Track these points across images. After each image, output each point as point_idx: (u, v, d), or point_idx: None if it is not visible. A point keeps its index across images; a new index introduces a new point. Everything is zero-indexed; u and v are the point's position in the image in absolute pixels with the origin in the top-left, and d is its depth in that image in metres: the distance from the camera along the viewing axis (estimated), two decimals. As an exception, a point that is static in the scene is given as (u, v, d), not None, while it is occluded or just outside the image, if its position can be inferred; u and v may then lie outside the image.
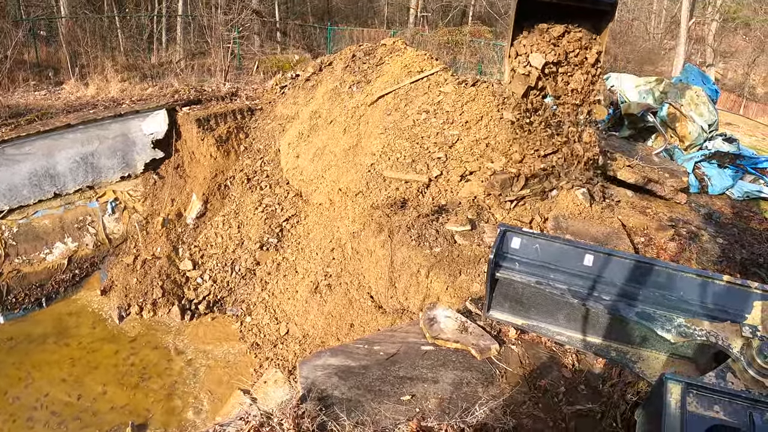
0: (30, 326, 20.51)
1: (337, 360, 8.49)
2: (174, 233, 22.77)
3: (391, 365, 8.31)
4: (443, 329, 9.05)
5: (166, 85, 28.53)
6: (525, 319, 8.80)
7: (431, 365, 8.29)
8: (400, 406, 7.41)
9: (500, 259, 8.46)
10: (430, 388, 7.77)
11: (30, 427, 16.06)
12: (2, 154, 21.88)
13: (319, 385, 7.85)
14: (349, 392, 7.70)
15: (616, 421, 7.72)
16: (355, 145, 18.98)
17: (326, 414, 7.17)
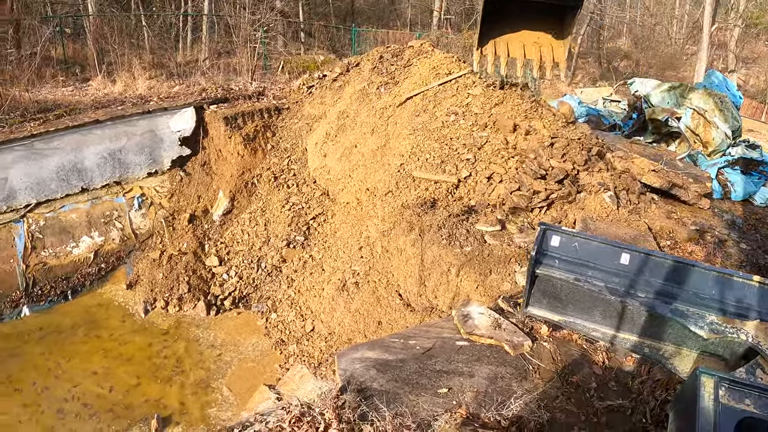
0: (58, 317, 20.74)
1: (375, 353, 8.71)
2: (200, 229, 22.98)
3: (427, 359, 8.52)
4: (477, 325, 9.25)
5: (193, 84, 28.74)
6: (562, 315, 9.02)
7: (466, 360, 8.48)
8: (437, 399, 7.60)
9: (540, 256, 8.67)
10: (466, 382, 7.96)
11: (60, 418, 16.17)
12: (31, 148, 22.14)
13: (357, 377, 8.06)
14: (387, 384, 7.90)
15: (645, 417, 7.89)
16: (383, 146, 19.14)
17: (366, 405, 7.39)
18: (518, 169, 15.70)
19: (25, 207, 22.32)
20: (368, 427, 7.00)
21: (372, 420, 7.10)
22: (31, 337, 19.76)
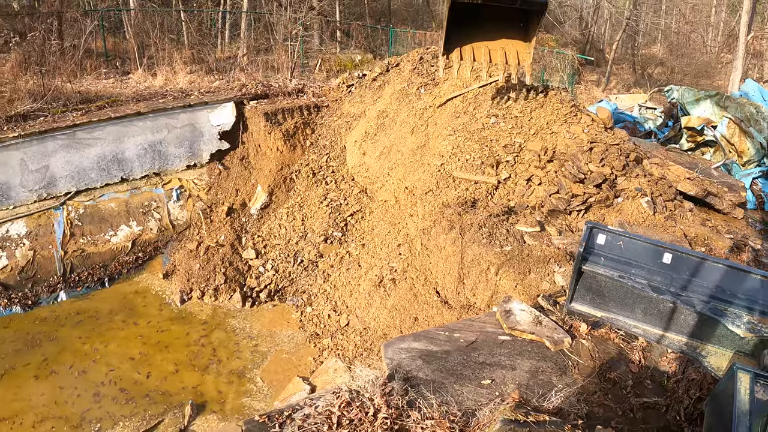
0: (95, 303, 21.13)
1: (420, 344, 8.97)
2: (238, 222, 23.28)
3: (471, 351, 8.77)
4: (519, 321, 9.49)
5: (233, 79, 29.06)
6: (604, 311, 9.27)
7: (508, 353, 8.72)
8: (481, 389, 7.85)
9: (587, 253, 8.93)
10: (508, 374, 8.21)
11: (97, 401, 16.43)
12: (73, 138, 22.53)
13: (404, 367, 8.33)
14: (433, 374, 8.17)
15: (679, 415, 8.10)
16: (423, 146, 19.33)
17: (413, 392, 7.66)
18: (557, 173, 15.89)
19: (65, 195, 22.71)
20: (416, 413, 7.26)
21: (419, 407, 7.37)
22: (68, 321, 20.11)
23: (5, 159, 21.67)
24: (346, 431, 7.17)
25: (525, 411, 6.73)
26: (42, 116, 23.29)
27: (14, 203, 22.06)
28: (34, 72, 26.34)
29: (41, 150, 22.15)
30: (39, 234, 21.94)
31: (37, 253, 21.62)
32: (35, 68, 26.49)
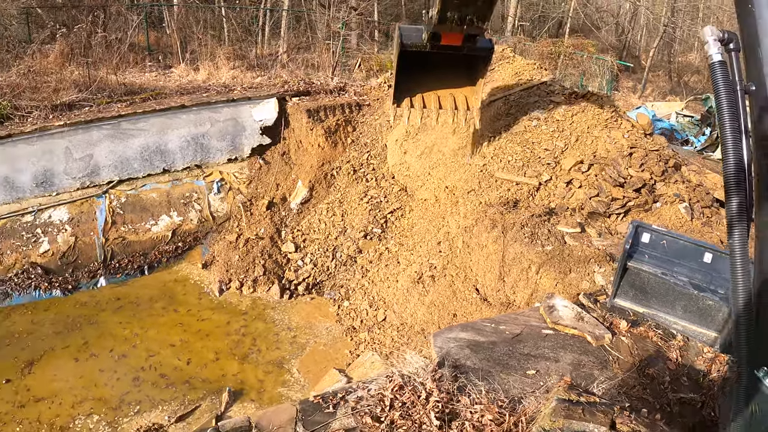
0: (135, 290, 21.55)
1: (468, 335, 9.29)
2: (278, 216, 23.58)
3: (516, 343, 9.08)
4: (562, 316, 9.78)
5: (275, 76, 29.42)
6: (646, 308, 9.57)
7: (552, 346, 9.02)
8: (526, 379, 8.16)
9: (632, 251, 9.23)
10: (552, 366, 8.50)
11: (137, 386, 16.73)
12: (117, 128, 22.95)
13: (453, 355, 8.66)
14: (480, 363, 8.49)
15: (714, 411, 8.35)
16: (464, 146, 19.53)
17: (463, 379, 7.98)
18: (597, 176, 16.13)
19: (107, 183, 23.13)
20: (465, 398, 7.57)
21: (469, 392, 7.68)
22: (108, 306, 20.47)
23: (50, 147, 22.09)
24: (398, 413, 7.48)
25: (577, 392, 7.04)
26: (87, 106, 23.72)
27: (57, 190, 22.48)
28: (80, 63, 26.75)
29: (86, 139, 22.55)
30: (81, 221, 22.33)
31: (78, 239, 22.02)
32: (81, 59, 26.91)
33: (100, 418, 15.60)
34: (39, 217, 22.02)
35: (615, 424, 6.41)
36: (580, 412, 6.54)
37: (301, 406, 7.96)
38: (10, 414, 15.77)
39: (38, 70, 26.18)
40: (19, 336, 18.79)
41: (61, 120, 22.22)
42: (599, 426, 6.33)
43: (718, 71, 4.13)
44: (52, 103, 23.15)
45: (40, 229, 21.83)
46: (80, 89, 24.60)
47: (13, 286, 20.74)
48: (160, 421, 15.33)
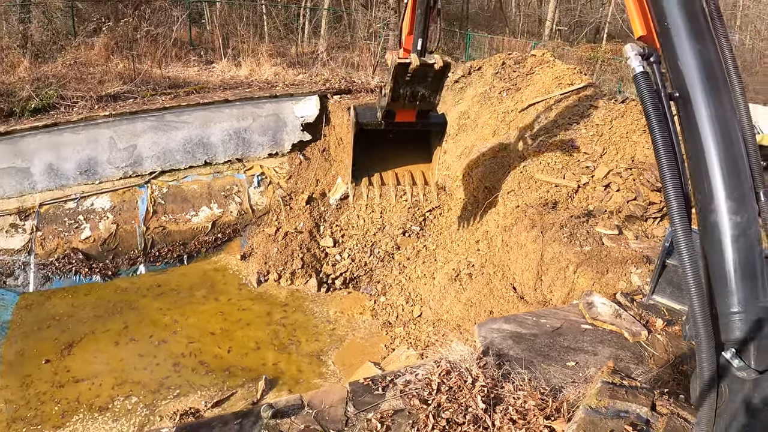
0: (175, 278, 22.06)
1: (510, 326, 9.64)
2: (317, 211, 23.91)
3: (556, 336, 9.41)
4: (600, 313, 10.08)
5: (316, 74, 29.77)
6: (682, 305, 9.86)
7: (590, 341, 9.33)
8: (566, 370, 8.47)
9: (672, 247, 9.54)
10: (591, 359, 8.81)
11: (177, 371, 17.13)
12: (161, 120, 23.42)
13: (496, 345, 9.00)
14: (522, 353, 8.82)
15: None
16: (504, 148, 19.80)
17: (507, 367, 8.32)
18: (636, 180, 16.34)
19: (150, 174, 23.64)
20: (509, 385, 7.92)
21: (512, 380, 8.02)
22: (149, 292, 20.94)
23: (95, 136, 22.55)
24: (444, 397, 7.83)
25: (620, 376, 7.36)
26: (131, 98, 24.19)
27: (100, 178, 22.99)
28: (125, 56, 27.22)
29: (130, 129, 23.05)
30: (123, 209, 22.84)
31: (119, 227, 22.53)
32: (126, 52, 27.37)
33: (139, 400, 15.98)
34: (81, 204, 22.51)
35: (655, 406, 6.75)
36: (624, 393, 6.89)
37: (352, 388, 8.30)
38: (49, 393, 16.19)
39: (84, 61, 26.67)
40: (60, 318, 19.28)
41: (107, 110, 22.68)
42: (641, 407, 6.68)
43: (642, 81, 4.61)
44: (97, 93, 23.62)
45: (83, 215, 22.31)
46: (125, 81, 25.11)
47: (54, 270, 21.25)
48: (196, 406, 15.67)
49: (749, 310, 4.29)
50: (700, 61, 4.59)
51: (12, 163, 21.68)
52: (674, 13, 4.71)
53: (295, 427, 7.58)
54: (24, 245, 21.46)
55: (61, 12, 31.59)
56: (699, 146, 4.48)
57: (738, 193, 4.35)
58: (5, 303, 20.04)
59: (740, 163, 4.43)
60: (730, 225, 4.35)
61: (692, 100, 4.53)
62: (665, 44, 4.80)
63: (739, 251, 4.35)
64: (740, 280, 4.33)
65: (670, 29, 4.73)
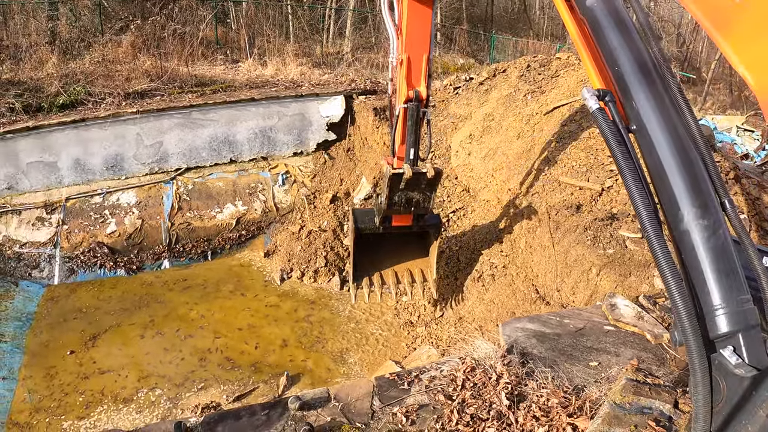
0: (203, 272, 22.37)
1: (534, 326, 9.75)
2: (341, 210, 24.09)
3: (579, 336, 9.51)
4: (623, 314, 10.18)
5: (341, 74, 29.97)
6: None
7: (613, 342, 9.42)
8: (588, 370, 8.57)
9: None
10: (613, 360, 8.89)
11: (203, 366, 17.30)
12: (188, 117, 23.72)
13: (520, 343, 9.12)
14: (546, 352, 8.93)
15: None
16: (528, 150, 19.81)
17: (531, 365, 8.44)
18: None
19: (175, 170, 23.99)
20: (533, 383, 8.04)
21: (536, 378, 8.14)
22: (176, 286, 21.20)
23: (122, 132, 22.88)
24: (469, 393, 7.96)
25: (644, 374, 7.48)
26: (158, 95, 24.50)
27: (126, 174, 23.35)
28: (152, 54, 27.50)
29: (157, 126, 23.36)
30: (148, 205, 23.17)
31: (145, 222, 22.87)
32: (153, 51, 27.65)
33: (163, 393, 16.19)
34: (108, 199, 22.86)
35: (678, 403, 6.88)
36: (647, 390, 7.03)
37: (378, 382, 8.45)
38: (73, 384, 16.45)
39: (111, 59, 27.02)
40: (86, 311, 19.56)
41: (134, 107, 22.97)
42: (664, 403, 6.81)
43: (599, 117, 5.19)
44: (124, 90, 23.99)
45: (108, 210, 22.65)
46: (152, 79, 25.44)
47: (79, 264, 21.61)
48: (218, 400, 15.82)
49: (730, 303, 4.58)
50: (652, 101, 5.18)
51: (40, 157, 22.02)
52: (627, 65, 5.38)
53: (322, 419, 7.73)
54: (50, 238, 21.79)
55: (88, 10, 31.96)
56: (659, 166, 4.98)
57: (701, 200, 4.78)
58: (31, 295, 20.36)
59: (698, 175, 4.90)
60: (699, 228, 4.73)
61: (649, 131, 5.10)
62: (621, 89, 5.43)
63: (712, 250, 4.69)
64: (717, 277, 4.64)
65: (625, 78, 5.36)
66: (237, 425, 7.69)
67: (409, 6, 13.43)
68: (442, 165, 23.53)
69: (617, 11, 5.72)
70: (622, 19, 5.68)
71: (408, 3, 13.43)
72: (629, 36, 5.56)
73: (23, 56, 26.14)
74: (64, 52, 27.41)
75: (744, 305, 4.61)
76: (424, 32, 13.86)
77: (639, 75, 5.33)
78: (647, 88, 5.26)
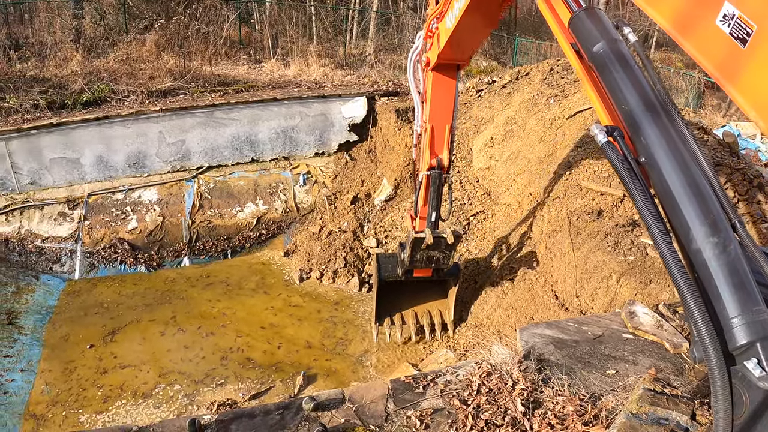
0: (226, 269, 22.50)
1: (552, 332, 9.70)
2: (361, 211, 24.13)
3: (597, 344, 9.45)
4: (642, 323, 10.09)
5: (363, 75, 29.99)
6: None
7: (631, 350, 9.34)
8: (605, 378, 8.50)
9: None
10: (631, 368, 8.82)
11: (224, 365, 17.32)
12: (211, 117, 23.80)
13: (537, 349, 9.06)
14: (563, 359, 8.87)
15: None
16: (550, 154, 19.74)
17: (547, 372, 8.39)
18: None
19: (197, 169, 24.08)
20: (549, 390, 7.99)
21: (552, 385, 8.09)
22: (198, 282, 21.32)
23: (145, 130, 23.00)
24: (484, 398, 7.92)
25: (661, 384, 7.41)
26: (181, 94, 24.62)
27: (148, 171, 23.49)
28: (175, 53, 27.63)
29: (179, 125, 23.45)
30: (169, 202, 23.29)
31: (166, 219, 22.99)
32: (177, 50, 27.79)
33: (181, 388, 16.24)
34: (129, 196, 22.99)
35: (695, 415, 6.82)
36: (665, 400, 6.97)
37: (393, 385, 8.43)
38: (91, 379, 16.57)
39: (135, 57, 27.20)
40: (108, 306, 19.70)
41: (157, 105, 23.09)
42: (681, 415, 6.75)
43: (608, 149, 5.69)
44: (148, 89, 24.12)
45: (130, 207, 22.79)
46: (175, 77, 25.58)
47: (99, 259, 21.83)
48: (234, 397, 15.84)
49: (746, 314, 4.73)
50: (659, 135, 5.57)
51: (63, 153, 22.16)
52: (634, 104, 5.82)
53: (336, 420, 7.71)
54: (71, 233, 21.96)
55: (113, 8, 32.21)
56: (669, 192, 5.33)
57: (710, 220, 5.06)
58: (51, 289, 20.55)
59: (706, 196, 5.19)
60: (710, 246, 4.97)
61: (658, 162, 5.48)
62: (629, 125, 5.88)
63: (724, 266, 4.91)
64: (731, 290, 4.83)
65: (633, 115, 5.80)
66: (251, 424, 7.69)
67: (434, 78, 13.87)
68: (463, 168, 23.52)
69: (623, 55, 6.19)
70: (627, 63, 6.14)
71: (433, 74, 13.83)
72: (635, 77, 6.00)
73: (48, 54, 26.37)
74: (89, 50, 27.61)
75: (760, 315, 4.71)
76: (448, 103, 14.27)
77: (646, 112, 5.71)
78: (654, 123, 5.64)
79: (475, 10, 11.06)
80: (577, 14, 6.81)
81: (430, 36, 13.42)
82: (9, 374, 16.37)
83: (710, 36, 4.71)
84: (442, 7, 12.36)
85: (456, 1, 11.47)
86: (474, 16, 11.31)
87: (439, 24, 12.81)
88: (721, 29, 4.58)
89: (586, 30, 6.60)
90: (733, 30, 4.46)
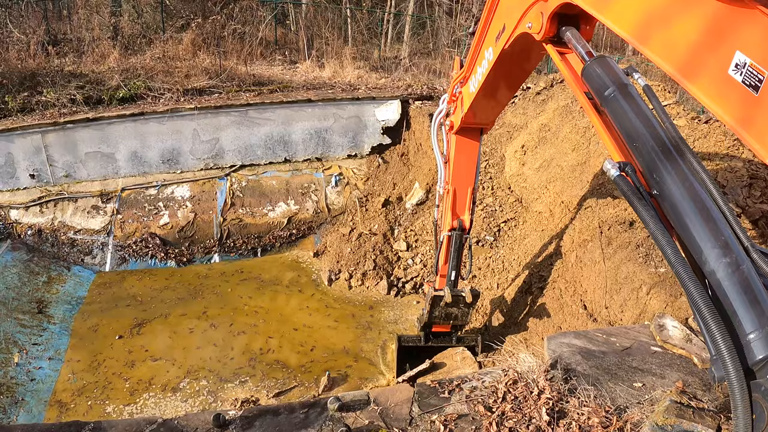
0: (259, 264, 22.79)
1: (580, 342, 9.65)
2: (392, 215, 24.14)
3: (625, 356, 9.40)
4: (671, 336, 10.03)
5: (398, 78, 29.99)
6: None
7: (659, 363, 9.28)
8: (632, 391, 8.45)
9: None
10: (658, 382, 8.76)
11: (251, 366, 17.31)
12: (245, 116, 23.93)
13: (564, 359, 9.02)
14: (590, 370, 8.82)
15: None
16: (583, 163, 19.65)
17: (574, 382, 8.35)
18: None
19: (230, 167, 24.27)
20: (575, 400, 7.94)
21: (578, 395, 8.04)
22: (232, 278, 21.50)
23: (179, 127, 23.16)
24: (509, 406, 7.89)
25: (688, 397, 7.37)
26: (216, 93, 24.80)
27: (182, 168, 23.66)
28: (211, 52, 27.82)
29: (214, 123, 23.63)
30: (201, 199, 23.48)
31: (197, 216, 23.21)
32: (213, 49, 27.97)
33: (207, 384, 16.33)
34: (162, 192, 23.21)
35: (721, 429, 6.79)
36: (691, 413, 6.95)
37: (418, 389, 8.43)
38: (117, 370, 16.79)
39: (171, 55, 27.39)
40: (139, 298, 19.94)
41: (192, 103, 23.25)
42: (707, 428, 6.73)
43: (621, 182, 5.89)
44: (183, 87, 24.32)
45: (162, 202, 22.99)
46: (210, 76, 25.77)
47: (131, 252, 22.15)
48: (257, 395, 15.92)
49: (763, 329, 4.80)
50: (670, 170, 5.81)
51: (98, 147, 22.39)
52: (645, 142, 6.10)
53: (360, 421, 7.72)
54: (104, 227, 22.26)
55: (150, 7, 32.49)
56: (682, 221, 5.54)
57: (721, 242, 5.21)
58: (81, 280, 20.88)
59: (717, 221, 5.39)
60: (723, 266, 5.11)
61: (670, 194, 5.71)
62: (641, 162, 6.16)
63: (738, 283, 5.00)
64: (747, 307, 4.91)
65: (644, 153, 6.11)
66: (275, 421, 7.72)
67: (457, 141, 14.08)
68: (495, 174, 23.45)
69: (632, 97, 6.51)
70: (637, 104, 6.45)
71: (456, 138, 14.04)
72: (645, 117, 6.29)
73: (86, 50, 26.70)
74: (126, 47, 27.89)
75: None
76: (470, 166, 14.49)
77: (656, 149, 5.99)
78: (664, 159, 5.89)
79: (498, 76, 11.13)
80: (589, 63, 7.16)
81: (453, 100, 13.50)
82: (37, 362, 16.64)
83: (723, 84, 4.77)
84: (465, 72, 12.44)
85: (479, 66, 11.54)
86: (497, 80, 11.40)
87: (462, 88, 12.93)
88: (734, 78, 4.63)
89: (598, 77, 6.94)
90: (746, 78, 4.51)
